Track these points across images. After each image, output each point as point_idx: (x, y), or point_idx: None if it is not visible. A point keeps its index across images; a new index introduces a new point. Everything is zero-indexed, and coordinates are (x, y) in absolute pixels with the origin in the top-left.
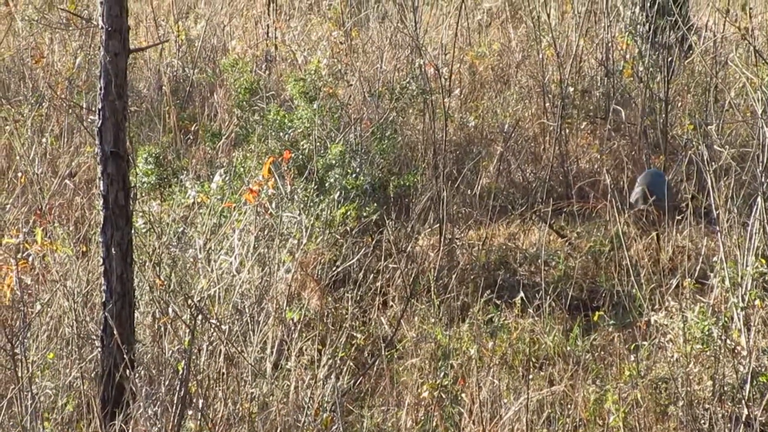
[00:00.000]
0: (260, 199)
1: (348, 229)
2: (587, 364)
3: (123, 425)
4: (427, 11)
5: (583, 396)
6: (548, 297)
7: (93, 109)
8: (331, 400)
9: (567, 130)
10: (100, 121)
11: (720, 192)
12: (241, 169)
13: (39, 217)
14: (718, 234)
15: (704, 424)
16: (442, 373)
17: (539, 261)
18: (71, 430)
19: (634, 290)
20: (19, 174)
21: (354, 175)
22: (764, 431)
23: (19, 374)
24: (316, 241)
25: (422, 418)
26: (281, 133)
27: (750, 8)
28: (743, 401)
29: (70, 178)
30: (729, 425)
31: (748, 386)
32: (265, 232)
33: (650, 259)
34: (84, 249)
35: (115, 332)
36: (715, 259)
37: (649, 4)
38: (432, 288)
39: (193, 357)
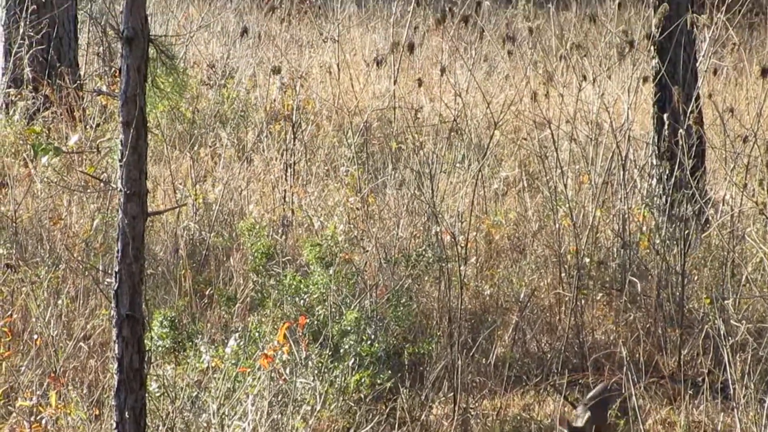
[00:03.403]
0: (275, 365)
1: (362, 396)
2: None
3: None
4: (444, 179)
5: None
6: None
7: (109, 271)
8: None
9: (583, 301)
10: (117, 284)
11: (736, 367)
12: (256, 334)
13: (53, 380)
14: (735, 410)
15: None
16: None
17: None
18: None
19: None
20: (35, 336)
21: (369, 342)
22: None
23: None
24: (330, 407)
25: None
26: (297, 299)
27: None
28: None
29: (85, 340)
30: None
31: None
32: (279, 398)
33: None
34: (97, 412)
35: None
36: None
37: (666, 177)
38: None
39: None
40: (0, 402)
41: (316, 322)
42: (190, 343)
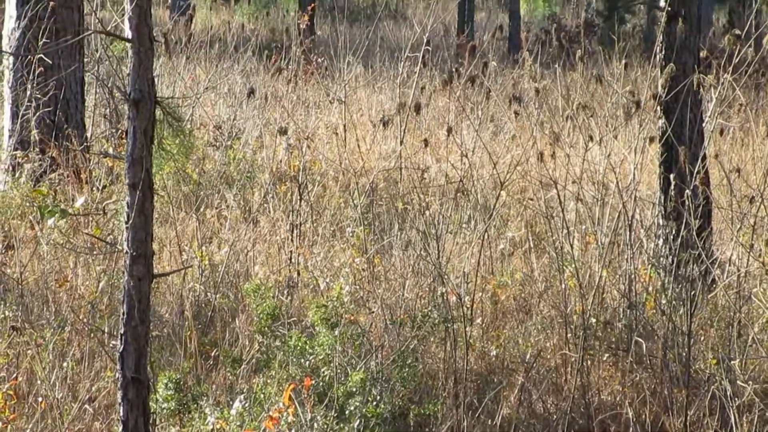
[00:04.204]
0: (280, 426)
1: None
2: None
3: None
4: (450, 239)
5: None
6: None
7: (115, 333)
8: None
9: (589, 362)
10: (122, 346)
11: (743, 429)
12: (262, 396)
13: None
14: None
15: None
16: None
17: None
18: None
19: None
20: (40, 399)
21: (374, 403)
22: None
23: None
24: None
25: None
26: (302, 360)
27: None
28: None
29: (90, 403)
30: None
31: None
32: None
33: None
34: None
35: None
36: None
37: (672, 237)
38: None
39: None
40: None
41: (321, 384)
42: (195, 405)
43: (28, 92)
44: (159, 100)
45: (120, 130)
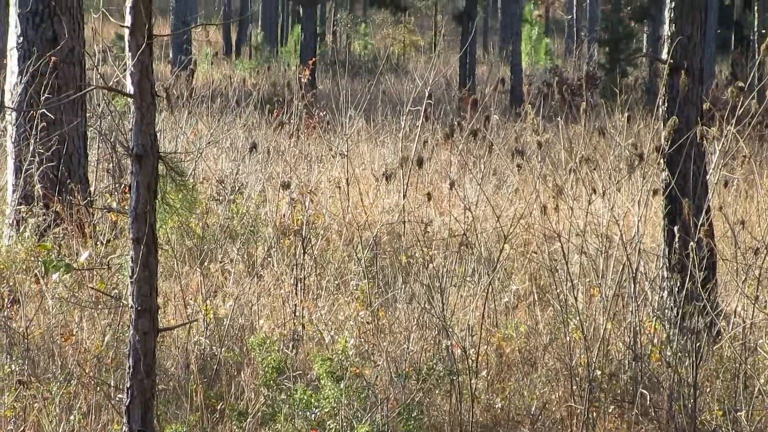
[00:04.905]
0: None
1: None
2: None
3: None
4: (454, 292)
5: None
6: None
7: (121, 387)
8: None
9: (594, 414)
10: (129, 400)
11: None
12: None
13: None
14: None
15: None
16: None
17: None
18: None
19: None
20: None
21: None
22: None
23: None
24: None
25: None
26: (308, 413)
27: None
28: None
29: None
30: None
31: None
32: None
33: None
34: None
35: None
36: None
37: (677, 290)
38: None
39: None
40: None
41: None
42: None
43: (31, 147)
44: (162, 155)
45: (123, 185)
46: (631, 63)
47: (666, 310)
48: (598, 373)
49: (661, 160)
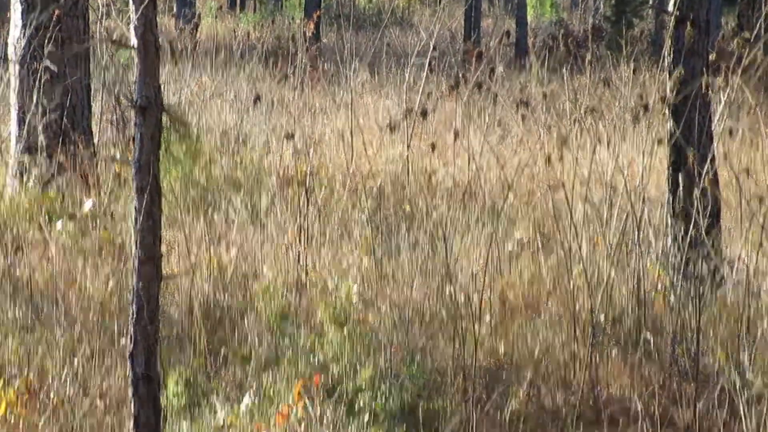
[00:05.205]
0: (290, 422)
1: None
2: None
3: None
4: (457, 241)
5: None
6: None
7: (125, 333)
8: None
9: (597, 358)
10: (132, 345)
11: (752, 420)
12: (271, 392)
13: None
14: None
15: None
16: None
17: None
18: None
19: None
20: (51, 395)
21: (383, 399)
22: None
23: None
24: None
25: None
26: (312, 357)
27: None
28: None
29: (101, 398)
30: None
31: None
32: None
33: None
34: None
35: None
36: None
37: (681, 236)
38: None
39: None
40: None
41: (330, 380)
42: (205, 401)
43: (35, 99)
44: (166, 107)
45: (127, 136)
46: (637, 15)
47: (670, 257)
48: (602, 317)
49: (666, 110)
